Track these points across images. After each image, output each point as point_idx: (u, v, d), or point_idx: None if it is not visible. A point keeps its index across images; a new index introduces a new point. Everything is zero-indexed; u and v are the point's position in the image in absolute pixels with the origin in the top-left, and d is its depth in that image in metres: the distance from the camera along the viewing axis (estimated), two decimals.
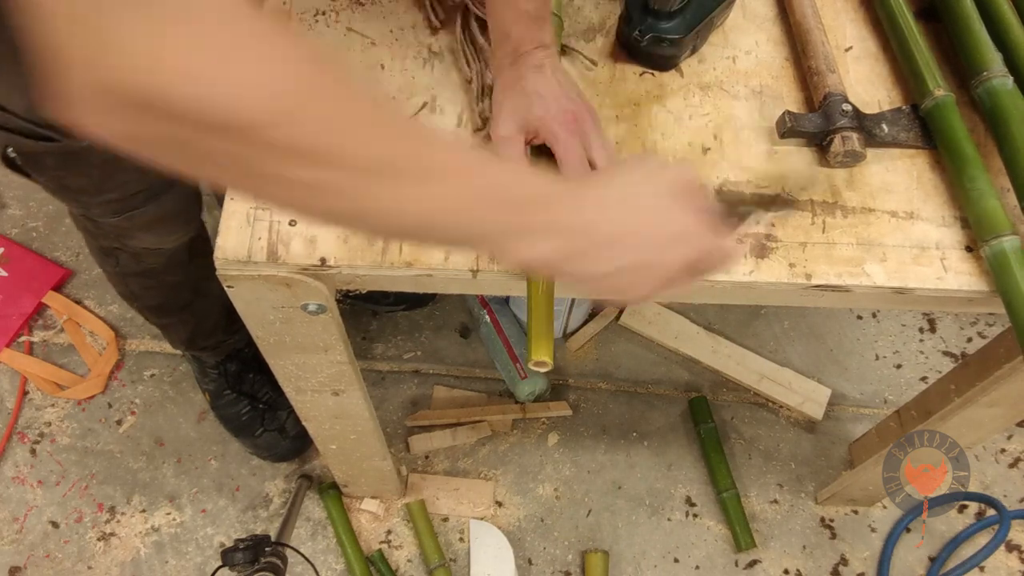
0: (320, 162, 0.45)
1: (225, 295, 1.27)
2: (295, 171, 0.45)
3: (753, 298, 0.86)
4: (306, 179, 0.46)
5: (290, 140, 0.43)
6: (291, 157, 0.44)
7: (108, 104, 0.39)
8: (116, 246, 1.08)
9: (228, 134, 0.41)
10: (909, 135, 0.86)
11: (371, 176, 0.48)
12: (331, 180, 0.46)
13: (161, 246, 1.08)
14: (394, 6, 0.91)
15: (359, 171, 0.47)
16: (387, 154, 0.48)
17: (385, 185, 0.48)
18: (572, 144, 0.75)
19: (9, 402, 1.52)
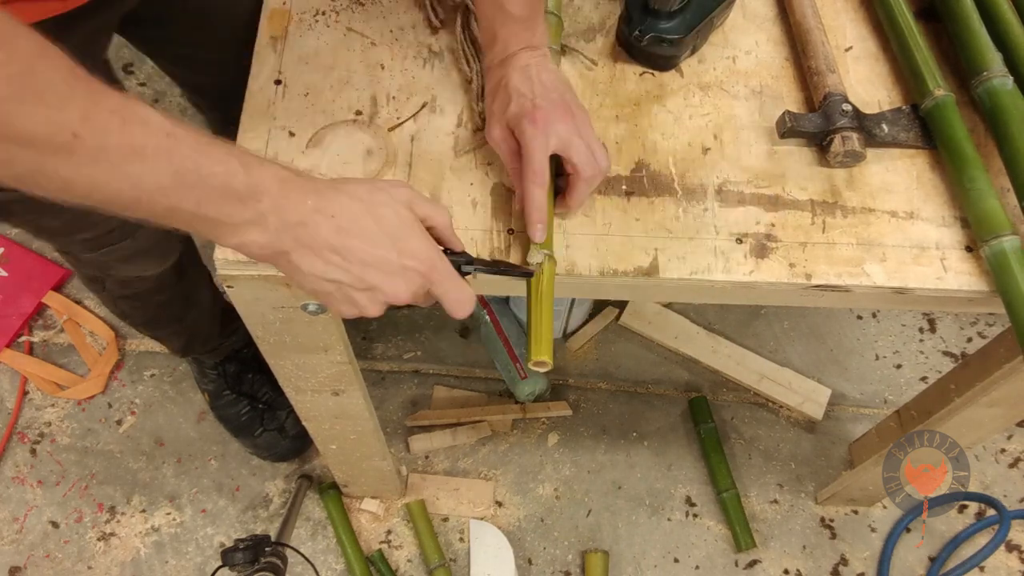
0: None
1: (217, 303, 1.26)
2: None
3: (753, 298, 0.86)
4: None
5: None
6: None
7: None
8: (100, 275, 1.08)
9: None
10: (909, 135, 0.86)
11: (44, 153, 0.49)
12: (4, 154, 0.48)
13: (143, 273, 1.08)
14: (394, 6, 0.91)
15: (27, 147, 0.48)
16: (57, 132, 0.48)
17: (63, 164, 0.49)
18: (534, 138, 0.74)
19: (9, 402, 1.52)
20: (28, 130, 0.48)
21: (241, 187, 0.56)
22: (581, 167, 0.76)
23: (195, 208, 0.55)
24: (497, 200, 0.81)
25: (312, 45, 0.88)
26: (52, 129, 0.48)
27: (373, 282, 0.62)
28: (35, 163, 0.49)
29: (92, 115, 0.50)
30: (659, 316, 1.63)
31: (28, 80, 0.47)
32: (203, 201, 0.55)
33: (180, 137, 0.54)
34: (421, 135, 0.84)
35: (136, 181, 0.52)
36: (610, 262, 0.79)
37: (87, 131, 0.50)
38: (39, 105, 0.48)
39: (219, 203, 0.56)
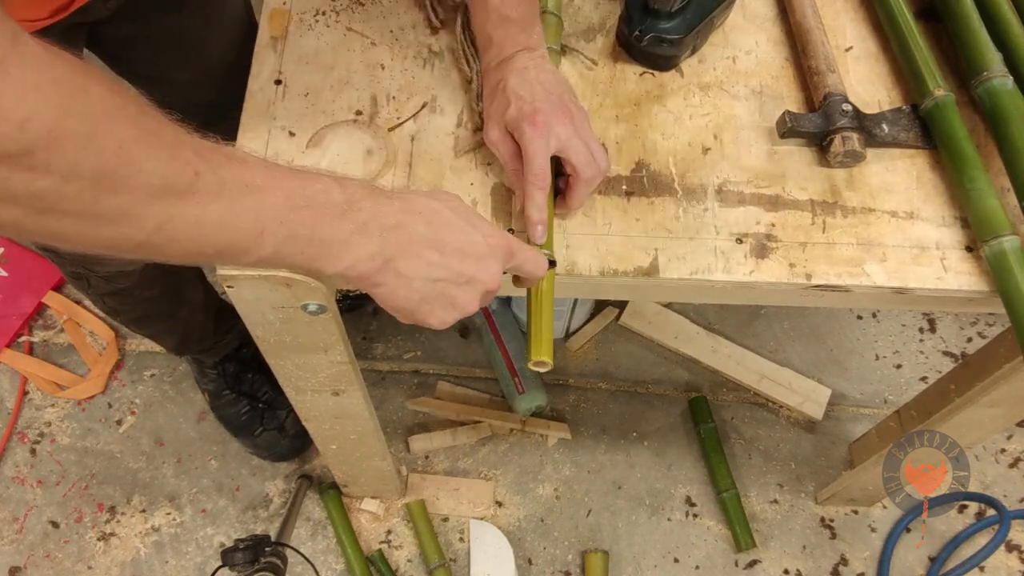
0: (102, 187, 0.45)
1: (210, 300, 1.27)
2: (75, 201, 0.45)
3: (753, 298, 0.86)
4: (93, 208, 0.45)
5: (56, 166, 0.42)
6: (64, 183, 0.43)
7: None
8: (83, 272, 1.08)
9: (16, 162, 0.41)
10: (909, 135, 0.86)
11: (163, 197, 0.48)
12: (119, 205, 0.46)
13: (125, 268, 1.08)
14: (394, 6, 0.91)
15: (150, 192, 0.47)
16: (180, 172, 0.48)
17: (187, 206, 0.49)
18: (533, 140, 0.75)
19: (9, 402, 1.52)
20: (157, 171, 0.47)
21: (340, 201, 0.57)
22: (580, 168, 0.76)
23: (311, 231, 0.55)
24: (497, 200, 0.81)
25: (312, 45, 0.88)
26: (177, 167, 0.48)
27: (470, 272, 0.63)
28: (164, 213, 0.48)
29: (203, 154, 0.50)
30: (659, 316, 1.63)
31: (145, 122, 0.47)
32: (316, 221, 0.55)
33: (274, 167, 0.55)
34: (421, 135, 0.84)
35: (256, 211, 0.52)
36: (610, 262, 0.79)
37: (205, 168, 0.49)
38: (160, 146, 0.47)
39: (328, 220, 0.56)
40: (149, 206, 0.48)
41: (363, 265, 0.59)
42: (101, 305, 1.21)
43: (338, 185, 0.58)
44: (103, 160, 0.45)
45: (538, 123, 0.74)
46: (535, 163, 0.75)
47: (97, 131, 0.44)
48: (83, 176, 0.44)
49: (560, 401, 1.56)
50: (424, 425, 1.53)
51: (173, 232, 0.50)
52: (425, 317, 0.65)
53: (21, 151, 0.41)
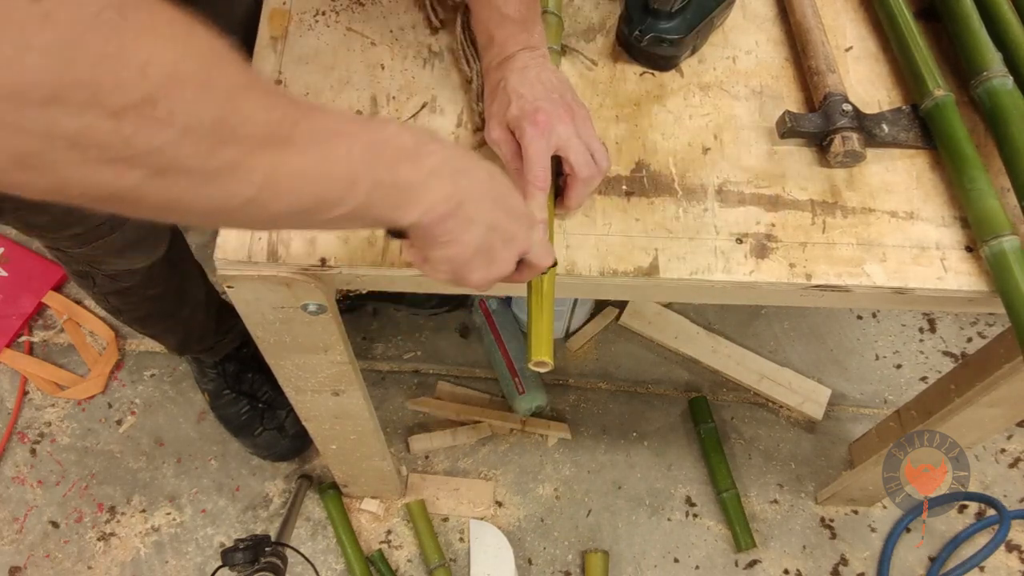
0: (217, 136, 0.43)
1: (211, 300, 1.26)
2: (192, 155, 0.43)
3: (753, 298, 0.86)
4: (209, 162, 0.44)
5: (177, 114, 0.41)
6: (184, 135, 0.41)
7: None
8: (89, 270, 1.08)
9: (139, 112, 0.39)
10: (909, 135, 0.86)
11: (268, 146, 0.46)
12: (232, 157, 0.45)
13: (132, 267, 1.08)
14: (394, 6, 0.91)
15: (257, 142, 0.46)
16: (279, 120, 0.47)
17: (289, 157, 0.48)
18: (534, 140, 0.74)
19: (9, 402, 1.52)
20: (263, 119, 0.46)
21: (411, 144, 0.56)
22: (578, 168, 0.76)
23: (394, 175, 0.54)
24: None
25: (312, 45, 0.88)
26: (278, 115, 0.47)
27: (513, 230, 0.63)
28: (270, 163, 0.47)
29: (295, 100, 0.49)
30: (659, 316, 1.63)
31: (244, 71, 0.45)
32: (396, 164, 0.55)
33: (346, 114, 0.55)
34: None
35: (348, 158, 0.51)
36: (610, 262, 0.79)
37: (300, 115, 0.48)
38: (262, 93, 0.46)
39: (406, 164, 0.55)
40: (257, 156, 0.46)
41: (440, 207, 0.58)
42: (104, 304, 1.21)
43: (406, 130, 0.57)
44: (218, 107, 0.43)
45: (539, 122, 0.74)
46: (536, 163, 0.75)
47: (211, 75, 0.43)
48: (202, 125, 0.42)
49: (560, 401, 1.56)
50: (424, 425, 1.53)
51: (278, 184, 0.48)
52: (470, 272, 0.64)
53: (144, 99, 0.39)
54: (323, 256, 0.76)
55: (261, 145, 0.46)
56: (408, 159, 0.55)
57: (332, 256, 0.76)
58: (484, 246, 0.62)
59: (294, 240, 0.76)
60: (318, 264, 0.76)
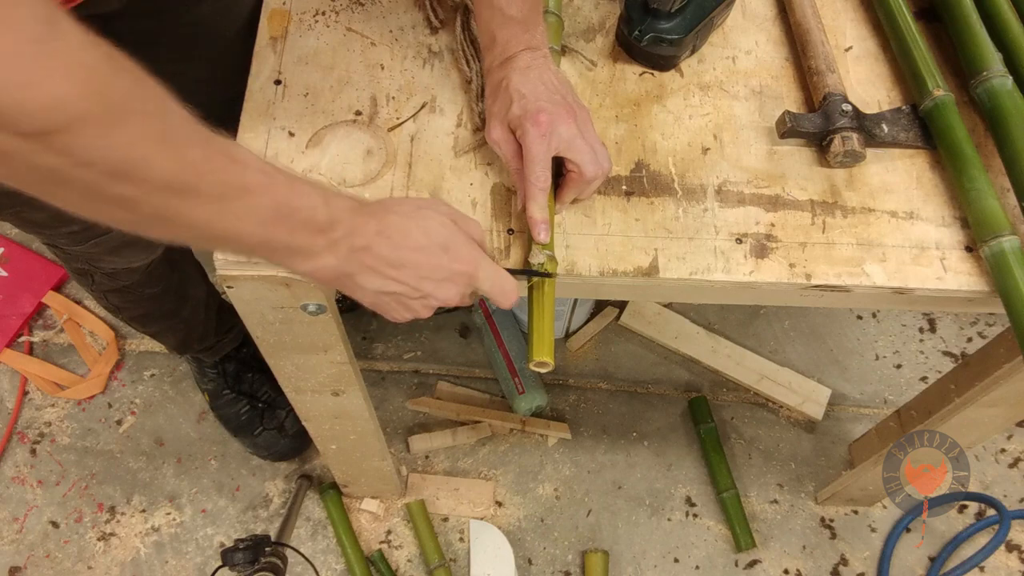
0: (111, 176, 0.48)
1: (211, 299, 1.27)
2: (86, 183, 0.48)
3: (753, 298, 0.86)
4: (99, 191, 0.49)
5: (72, 151, 0.45)
6: (76, 168, 0.46)
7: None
8: (88, 268, 1.08)
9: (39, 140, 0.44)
10: (909, 135, 0.86)
11: (167, 192, 0.51)
12: (123, 193, 0.50)
13: (131, 265, 1.08)
14: (394, 6, 0.91)
15: (154, 186, 0.50)
16: (186, 172, 0.52)
17: (185, 203, 0.53)
18: (536, 140, 0.75)
19: (9, 402, 1.52)
20: (164, 169, 0.50)
21: (322, 219, 0.61)
22: (584, 167, 0.76)
23: (287, 238, 0.60)
24: (497, 200, 0.81)
25: (312, 45, 0.88)
26: (183, 168, 0.51)
27: (427, 290, 0.68)
28: (164, 206, 0.52)
29: (209, 156, 0.54)
30: (659, 316, 1.63)
31: (162, 120, 0.50)
32: (293, 231, 0.60)
33: (273, 174, 0.58)
34: (421, 135, 0.84)
35: (244, 215, 0.57)
36: (610, 262, 0.79)
37: (208, 170, 0.53)
38: (173, 146, 0.50)
39: (304, 233, 0.61)
40: (150, 197, 0.51)
41: (326, 272, 0.65)
42: (104, 303, 1.21)
43: (325, 205, 0.62)
44: (116, 153, 0.47)
45: (541, 122, 0.75)
46: (537, 163, 0.75)
47: (115, 126, 0.46)
48: (95, 164, 0.47)
49: (560, 401, 1.56)
50: (424, 425, 1.53)
51: (165, 222, 0.54)
52: (383, 313, 0.71)
53: (42, 131, 0.43)
54: None
55: (157, 190, 0.51)
56: (310, 230, 0.61)
57: None
58: (385, 302, 0.69)
59: None
60: None
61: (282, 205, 0.58)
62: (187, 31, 0.90)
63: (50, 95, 0.42)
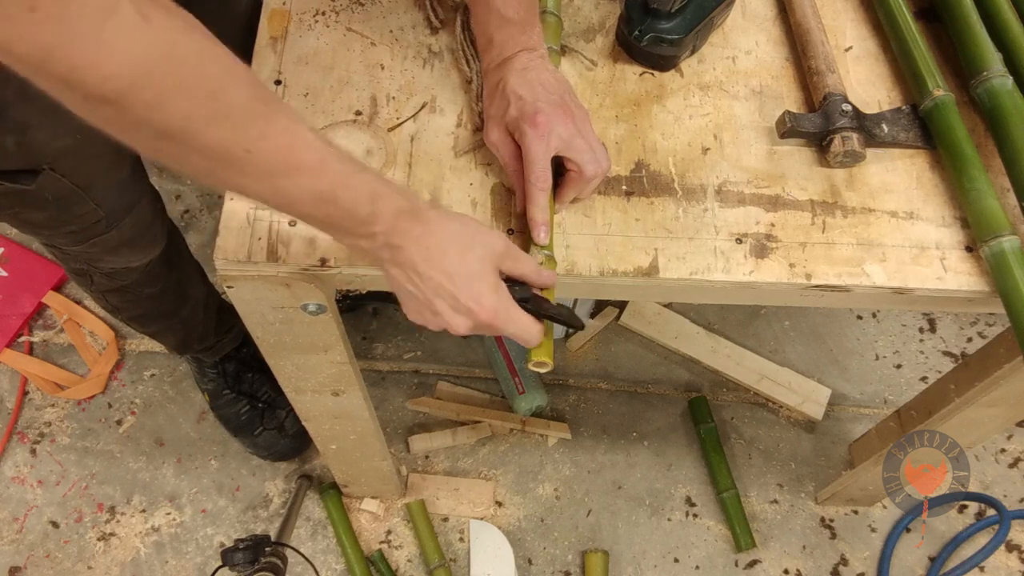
0: (162, 139, 0.53)
1: (211, 299, 1.28)
2: (152, 141, 0.53)
3: (753, 298, 0.86)
4: (153, 144, 0.54)
5: (125, 116, 0.51)
6: (145, 129, 0.52)
7: None
8: (86, 268, 1.08)
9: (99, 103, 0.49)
10: (909, 135, 0.86)
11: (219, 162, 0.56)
12: (176, 152, 0.55)
13: (130, 265, 1.08)
14: (394, 6, 0.91)
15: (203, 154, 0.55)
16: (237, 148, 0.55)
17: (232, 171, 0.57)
18: (534, 141, 0.75)
19: (9, 402, 1.52)
20: (212, 143, 0.54)
21: (363, 213, 0.64)
22: (584, 166, 0.77)
23: (324, 218, 0.64)
24: (497, 200, 0.81)
25: (312, 45, 0.88)
26: (230, 145, 0.55)
27: (438, 309, 0.70)
28: (207, 168, 0.57)
29: (267, 136, 0.57)
30: (659, 316, 1.63)
31: (217, 102, 0.53)
32: (332, 215, 0.64)
33: (329, 162, 0.61)
34: (421, 135, 0.84)
35: (285, 192, 0.60)
36: (610, 262, 0.79)
37: (259, 149, 0.56)
38: (224, 124, 0.54)
39: (343, 219, 0.64)
40: (197, 161, 0.56)
41: (358, 252, 0.71)
42: (103, 303, 1.21)
43: (371, 202, 0.64)
44: (167, 125, 0.52)
45: (539, 123, 0.75)
46: (536, 164, 0.75)
47: (164, 103, 0.51)
48: (145, 127, 0.52)
49: (560, 401, 1.56)
50: (424, 425, 1.53)
51: (216, 180, 0.58)
52: (402, 304, 0.72)
53: (99, 98, 0.49)
54: (323, 256, 0.76)
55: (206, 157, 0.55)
56: (350, 219, 0.64)
57: (332, 256, 0.76)
58: (406, 298, 0.71)
59: (294, 240, 0.76)
60: (318, 264, 0.76)
61: (326, 192, 0.61)
62: None
63: (108, 70, 0.47)
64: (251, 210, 0.78)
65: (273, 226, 0.77)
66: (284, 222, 0.77)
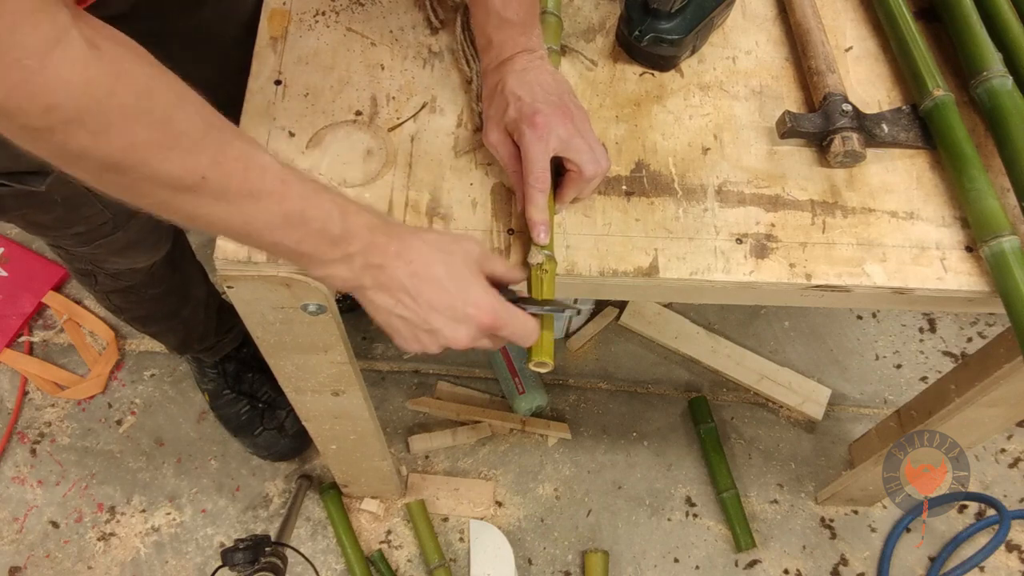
0: (109, 169, 0.51)
1: (212, 299, 1.28)
2: (98, 173, 0.52)
3: (753, 298, 0.86)
4: (99, 178, 0.52)
5: (69, 147, 0.49)
6: (89, 160, 0.50)
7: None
8: (91, 269, 1.08)
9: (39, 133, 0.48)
10: (909, 135, 0.86)
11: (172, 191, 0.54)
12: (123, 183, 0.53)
13: (135, 266, 1.09)
14: (394, 6, 0.91)
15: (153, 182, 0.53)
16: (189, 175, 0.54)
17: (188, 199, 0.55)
18: (534, 142, 0.75)
19: (9, 402, 1.52)
20: (163, 172, 0.53)
21: (336, 231, 0.62)
22: (584, 166, 0.76)
23: (295, 245, 0.62)
24: (497, 200, 0.81)
25: (312, 45, 0.88)
26: (183, 172, 0.54)
27: (436, 325, 0.67)
28: (164, 198, 0.55)
29: (220, 161, 0.55)
30: (659, 316, 1.63)
31: (167, 129, 0.52)
32: (303, 240, 0.61)
33: (291, 183, 0.60)
34: (421, 135, 0.84)
35: (249, 219, 0.59)
36: (610, 262, 0.79)
37: (214, 175, 0.55)
38: (175, 150, 0.53)
39: (316, 243, 0.62)
40: (150, 190, 0.54)
41: (336, 282, 0.66)
42: (106, 303, 1.21)
43: (341, 218, 0.62)
44: (112, 153, 0.50)
45: (538, 124, 0.75)
46: (536, 165, 0.75)
47: (108, 132, 0.49)
48: (89, 159, 0.50)
49: (560, 401, 1.56)
50: (424, 425, 1.53)
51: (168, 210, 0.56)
52: (391, 335, 0.71)
53: (42, 128, 0.48)
54: None
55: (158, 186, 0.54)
56: (321, 241, 0.62)
57: None
58: (394, 325, 0.68)
59: None
60: None
61: (293, 214, 0.60)
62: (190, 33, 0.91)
63: (46, 102, 0.46)
64: None
65: None
66: None
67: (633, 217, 0.81)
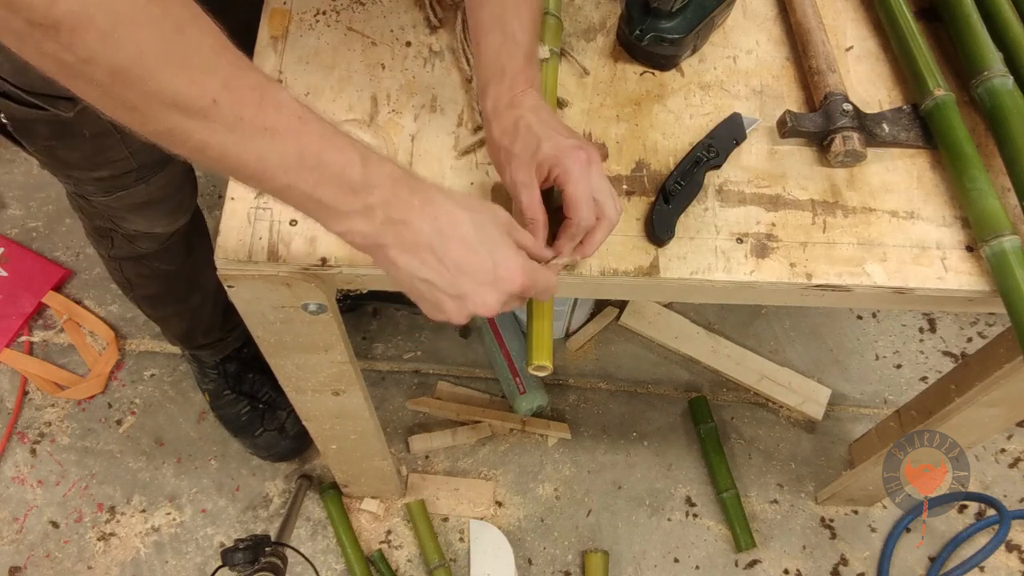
0: (116, 79, 0.48)
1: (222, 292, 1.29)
2: (95, 80, 0.48)
3: (753, 298, 0.86)
4: (108, 90, 0.49)
5: (76, 49, 0.46)
6: (97, 68, 0.47)
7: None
8: (109, 227, 1.08)
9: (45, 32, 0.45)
10: (909, 135, 0.86)
11: (178, 112, 0.51)
12: (131, 99, 0.50)
13: (152, 230, 1.08)
14: (394, 6, 0.91)
15: (161, 99, 0.50)
16: (197, 96, 0.51)
17: (195, 124, 0.52)
18: (583, 182, 0.71)
19: (9, 402, 1.52)
20: (171, 89, 0.50)
21: (356, 178, 0.58)
22: (609, 211, 0.73)
23: (311, 190, 0.57)
24: (497, 200, 0.81)
25: (312, 45, 0.88)
26: (194, 92, 0.50)
27: (464, 289, 0.63)
28: (173, 122, 0.51)
29: (233, 86, 0.52)
30: (659, 316, 1.63)
31: (177, 41, 0.49)
32: (319, 184, 0.57)
33: (309, 121, 0.56)
34: (421, 135, 0.84)
35: (263, 155, 0.54)
36: (610, 262, 0.79)
37: (226, 100, 0.52)
38: (185, 67, 0.50)
39: (333, 189, 0.57)
40: (159, 111, 0.50)
41: (357, 238, 0.61)
42: (117, 276, 1.21)
43: (363, 165, 0.58)
44: (120, 59, 0.47)
45: (581, 159, 0.71)
46: (583, 203, 0.71)
47: (118, 32, 0.46)
48: (100, 65, 0.47)
49: (560, 401, 1.56)
50: (424, 425, 1.53)
51: (178, 139, 0.53)
52: (415, 300, 0.66)
53: (49, 24, 0.44)
54: (323, 256, 0.76)
55: (165, 105, 0.50)
56: (339, 187, 0.58)
57: (332, 256, 0.76)
58: (418, 290, 0.63)
59: (295, 239, 0.76)
60: (318, 264, 0.76)
61: (308, 154, 0.56)
62: None
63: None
64: (252, 209, 0.78)
65: (274, 225, 0.77)
66: (285, 221, 0.77)
67: (634, 216, 0.81)
